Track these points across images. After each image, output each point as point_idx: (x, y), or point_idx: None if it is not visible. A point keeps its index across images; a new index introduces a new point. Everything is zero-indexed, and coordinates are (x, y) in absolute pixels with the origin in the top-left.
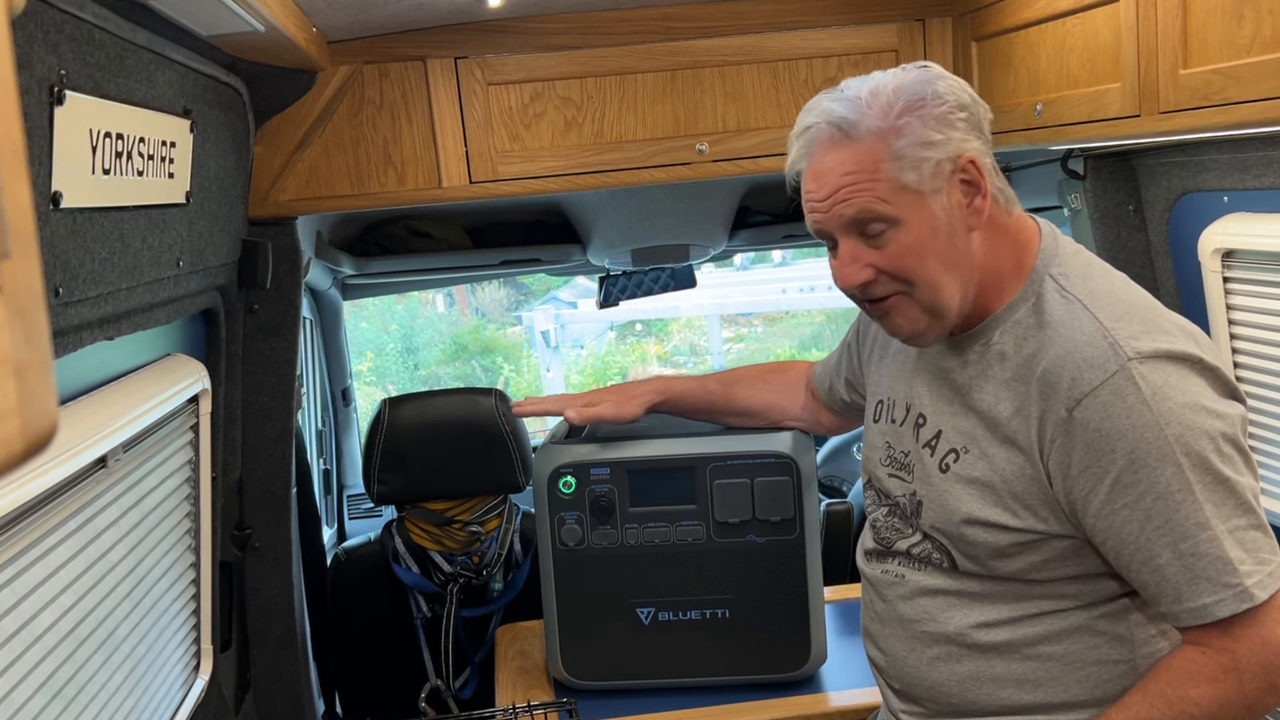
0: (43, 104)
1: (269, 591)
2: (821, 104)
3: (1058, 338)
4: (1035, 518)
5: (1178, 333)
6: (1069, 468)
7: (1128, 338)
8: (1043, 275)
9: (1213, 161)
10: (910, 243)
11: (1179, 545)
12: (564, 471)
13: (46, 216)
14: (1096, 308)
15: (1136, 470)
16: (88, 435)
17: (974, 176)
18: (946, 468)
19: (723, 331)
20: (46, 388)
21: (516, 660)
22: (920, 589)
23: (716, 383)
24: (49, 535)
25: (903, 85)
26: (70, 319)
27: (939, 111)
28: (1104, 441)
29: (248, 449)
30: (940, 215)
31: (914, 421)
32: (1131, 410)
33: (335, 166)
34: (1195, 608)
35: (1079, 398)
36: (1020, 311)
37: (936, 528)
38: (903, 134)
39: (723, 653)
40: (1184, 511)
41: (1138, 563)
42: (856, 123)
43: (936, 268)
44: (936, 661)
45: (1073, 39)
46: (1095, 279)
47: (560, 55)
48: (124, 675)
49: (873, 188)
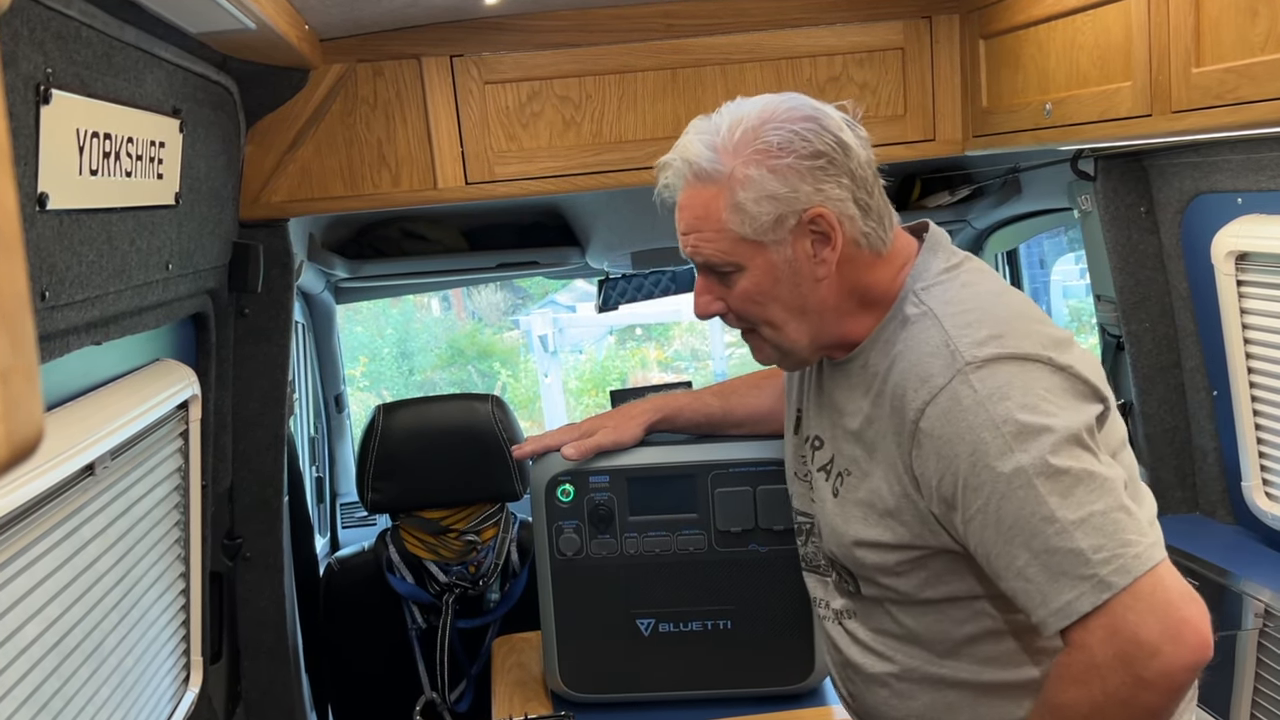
0: (28, 103)
1: (260, 602)
2: (689, 136)
3: (906, 350)
4: (910, 533)
5: (1035, 338)
6: (928, 479)
7: (970, 344)
8: (907, 293)
9: (1226, 162)
10: (749, 289)
11: (1032, 543)
12: (562, 479)
13: (32, 218)
14: (945, 316)
15: (979, 472)
16: (75, 442)
17: (825, 229)
18: (837, 491)
19: (724, 336)
20: (32, 393)
21: (513, 672)
22: (858, 635)
23: (712, 395)
24: (35, 544)
25: (765, 124)
26: (57, 323)
27: (786, 163)
28: (948, 447)
29: (238, 456)
30: (782, 265)
31: (810, 443)
32: (967, 412)
33: (328, 167)
34: (1058, 608)
35: (921, 407)
36: (888, 331)
37: (833, 551)
38: (747, 185)
39: (724, 665)
40: (1030, 507)
41: (1003, 568)
42: (705, 168)
43: (779, 313)
44: (891, 701)
45: (1083, 36)
46: (956, 288)
47: (558, 53)
48: (112, 688)
49: (714, 239)
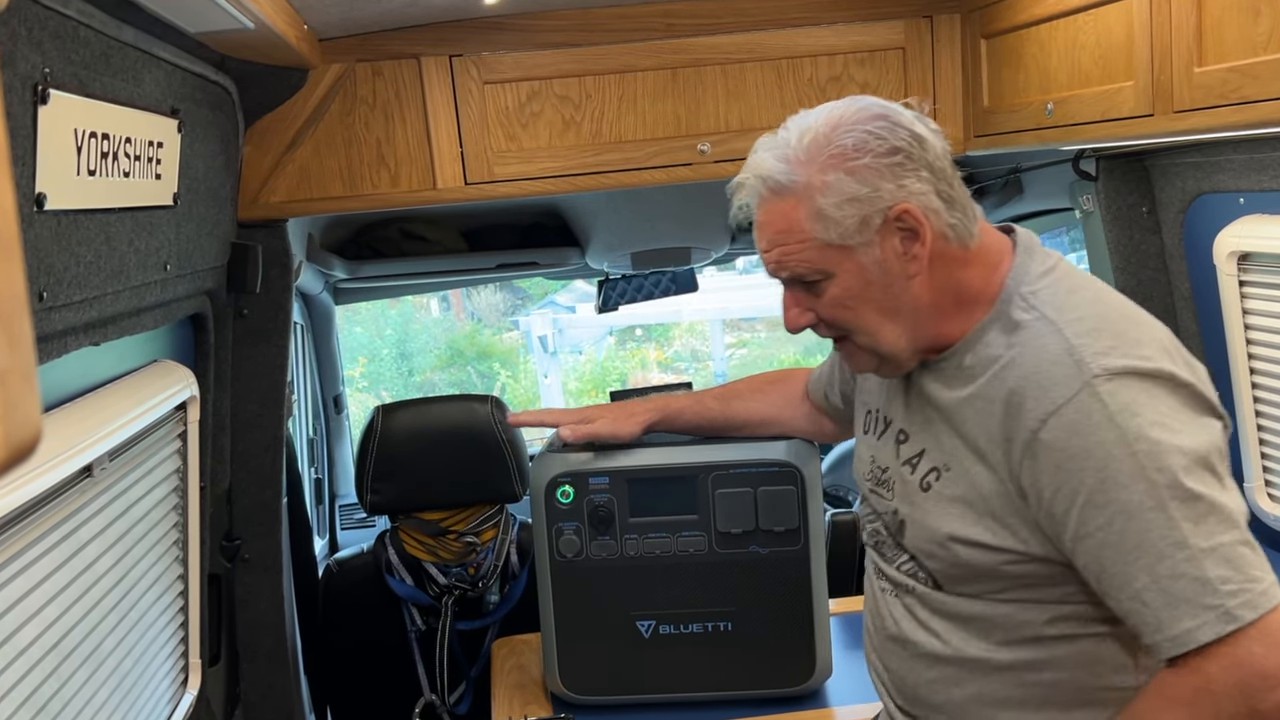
0: (26, 103)
1: (259, 604)
2: (759, 153)
3: (1023, 357)
4: (1014, 538)
5: (1152, 347)
6: (1041, 490)
7: (1094, 354)
8: (1011, 295)
9: (1228, 162)
10: (840, 295)
11: (1155, 568)
12: (562, 481)
13: (30, 219)
14: (1063, 323)
15: (1107, 490)
16: (73, 443)
17: (912, 224)
18: (928, 486)
19: (725, 337)
20: (30, 395)
21: (513, 674)
22: (918, 614)
23: (714, 399)
24: (33, 546)
25: (836, 129)
26: (55, 324)
27: (864, 163)
28: (1071, 462)
29: (237, 457)
30: (872, 267)
31: (895, 437)
32: (1097, 428)
33: (327, 167)
34: (1176, 635)
35: (1043, 418)
36: (990, 332)
37: (920, 548)
38: (826, 191)
39: (725, 667)
40: (1158, 531)
41: (1116, 589)
42: (781, 181)
43: (872, 317)
44: (936, 684)
45: (1085, 36)
46: (1064, 294)
47: (558, 53)
48: (110, 690)
49: (799, 249)
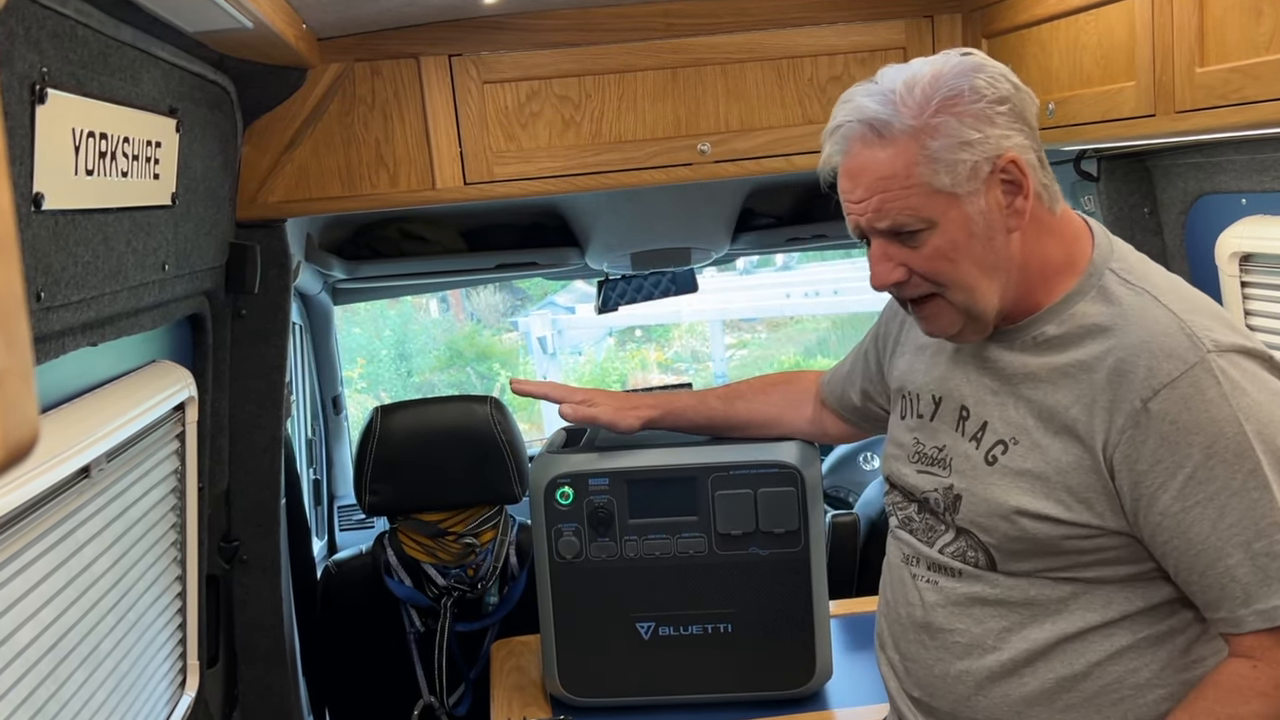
0: (24, 102)
1: (257, 605)
2: (855, 99)
3: (1131, 327)
4: (1090, 512)
5: (1245, 330)
6: (1137, 461)
7: (1203, 330)
8: (1102, 269)
9: (1230, 162)
10: (943, 245)
11: (1253, 545)
12: (561, 482)
13: (28, 219)
14: (1168, 300)
15: (1213, 466)
16: (70, 444)
17: (1016, 176)
18: (994, 459)
19: (725, 337)
20: (27, 395)
21: (512, 676)
22: (955, 597)
23: (717, 398)
24: (30, 547)
25: (940, 77)
26: (52, 324)
27: (977, 108)
28: (1180, 435)
29: (235, 458)
30: (977, 218)
31: (955, 414)
32: (1211, 404)
33: (326, 167)
34: (1265, 609)
35: (1156, 389)
36: (1081, 303)
37: (977, 522)
38: (937, 134)
39: (725, 669)
40: (1260, 509)
41: (1204, 564)
42: (889, 121)
43: (971, 271)
44: (965, 675)
45: (1086, 36)
46: (1156, 275)
47: (558, 52)
48: (108, 692)
49: (906, 195)
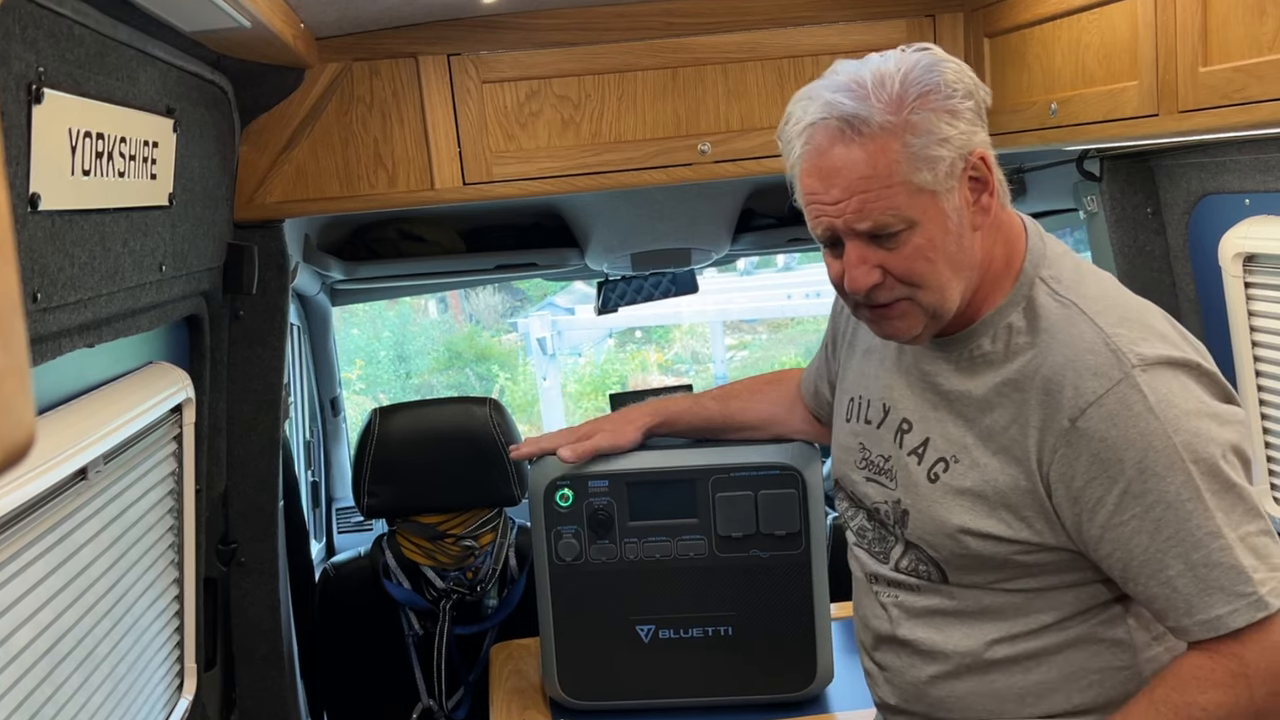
0: (20, 102)
1: (255, 608)
2: (823, 96)
3: (1056, 344)
4: (1029, 529)
5: (1176, 337)
6: (1072, 479)
7: (1129, 344)
8: (1032, 277)
9: (1234, 162)
10: (923, 245)
11: (1190, 555)
12: (561, 484)
13: (24, 219)
14: (1094, 312)
15: (1146, 480)
16: (67, 446)
17: (983, 173)
18: (935, 477)
19: (725, 339)
20: (24, 397)
21: (511, 680)
22: (916, 610)
23: (712, 400)
24: (27, 550)
25: (910, 73)
26: (49, 325)
27: (950, 103)
28: (1110, 452)
29: (233, 460)
30: (951, 216)
31: (896, 426)
32: (1138, 419)
33: (324, 167)
34: (1208, 620)
35: (1083, 407)
36: (1011, 315)
37: (925, 539)
38: (916, 130)
39: (725, 672)
40: (1195, 520)
41: (1145, 575)
42: (867, 118)
43: (945, 271)
44: (936, 680)
45: (1089, 35)
46: (1087, 282)
47: (557, 52)
48: (104, 695)
49: (887, 194)
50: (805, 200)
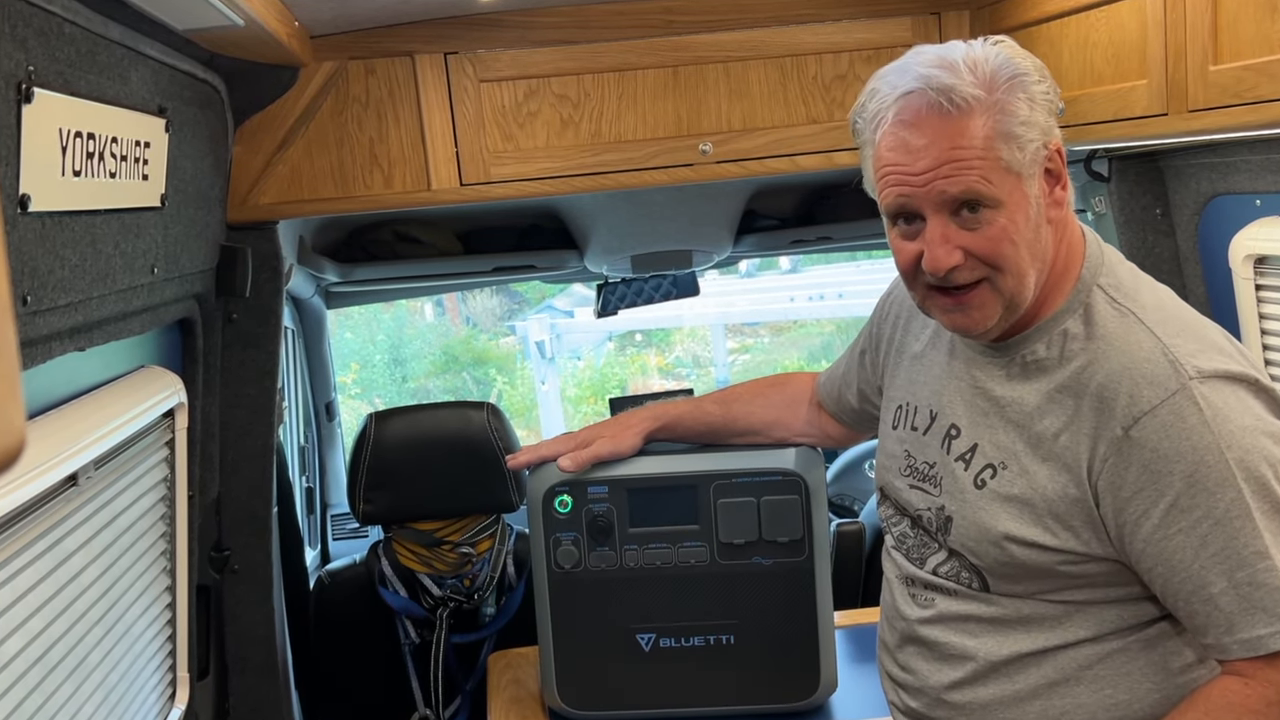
0: (9, 102)
1: (248, 616)
2: (914, 70)
3: (1113, 352)
4: (1076, 539)
5: (1233, 351)
6: (1120, 489)
7: (1187, 355)
8: (1089, 285)
9: (1244, 162)
10: (1007, 226)
11: (1235, 574)
12: (559, 490)
13: (14, 220)
14: (1152, 323)
15: (1195, 494)
16: (57, 451)
17: (1058, 166)
18: (982, 483)
19: (727, 342)
20: (13, 401)
21: (509, 689)
22: (952, 615)
23: (713, 403)
24: (16, 557)
25: (997, 57)
26: (39, 329)
27: (1038, 90)
28: (1161, 463)
29: (226, 466)
30: (1033, 202)
31: (945, 432)
32: (1192, 432)
33: (318, 168)
34: (1248, 639)
35: (1137, 416)
36: (1067, 322)
37: (968, 546)
38: (1010, 110)
39: (728, 681)
40: (1242, 539)
41: (1188, 591)
42: (964, 92)
43: (1025, 256)
44: (959, 684)
45: (1097, 34)
46: (1145, 292)
47: (556, 50)
48: (96, 704)
49: (980, 166)
50: (884, 173)
